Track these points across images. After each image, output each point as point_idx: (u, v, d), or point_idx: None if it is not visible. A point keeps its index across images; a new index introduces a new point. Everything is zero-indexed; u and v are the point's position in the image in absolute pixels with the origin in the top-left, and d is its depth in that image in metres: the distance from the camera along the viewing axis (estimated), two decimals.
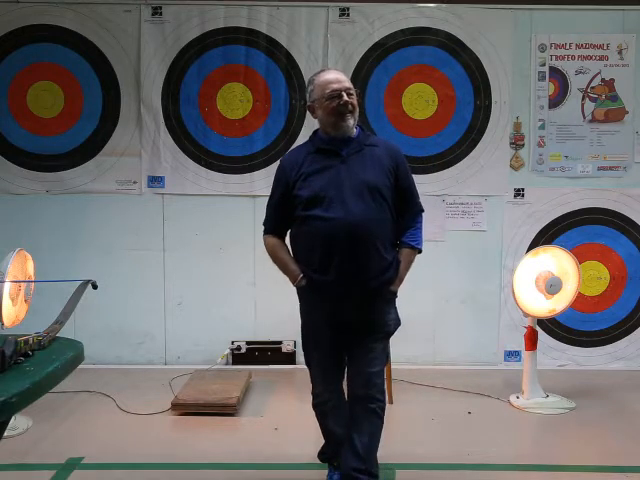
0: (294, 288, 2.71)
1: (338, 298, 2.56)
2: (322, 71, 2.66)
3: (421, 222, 2.74)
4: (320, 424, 2.79)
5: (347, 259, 2.51)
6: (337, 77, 2.58)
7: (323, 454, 2.87)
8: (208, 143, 4.41)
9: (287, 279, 2.70)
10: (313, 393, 2.75)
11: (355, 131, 2.61)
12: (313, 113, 2.63)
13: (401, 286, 2.73)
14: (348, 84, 2.57)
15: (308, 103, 2.64)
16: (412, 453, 3.15)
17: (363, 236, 2.50)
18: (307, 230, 2.57)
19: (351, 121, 2.56)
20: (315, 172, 2.56)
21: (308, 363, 2.76)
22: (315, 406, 2.76)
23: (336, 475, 2.74)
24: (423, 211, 2.75)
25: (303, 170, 2.57)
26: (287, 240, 2.76)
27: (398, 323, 2.73)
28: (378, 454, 2.75)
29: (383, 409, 2.65)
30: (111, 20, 4.31)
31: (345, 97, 2.52)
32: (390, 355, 3.77)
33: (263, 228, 2.75)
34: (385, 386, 2.70)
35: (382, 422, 2.66)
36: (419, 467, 3.04)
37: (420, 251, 2.72)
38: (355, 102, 2.57)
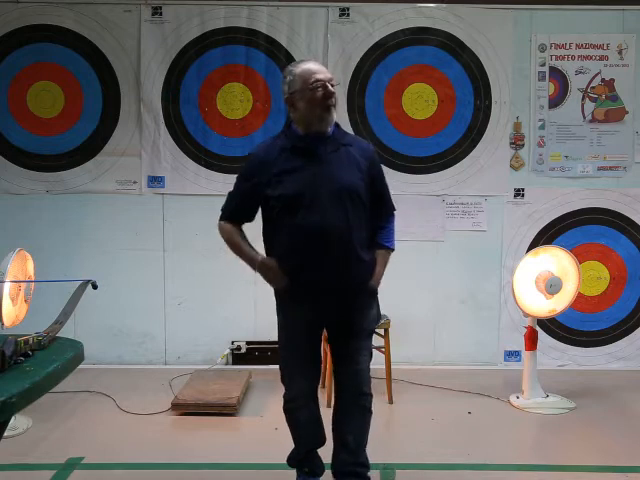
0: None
1: (320, 301, 2.50)
2: (301, 61, 2.53)
3: (393, 222, 2.68)
4: (291, 427, 2.72)
5: (326, 266, 2.43)
6: (320, 68, 2.45)
7: (292, 458, 2.76)
8: (208, 143, 4.41)
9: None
10: (286, 397, 2.68)
11: (330, 129, 2.48)
12: (291, 106, 2.46)
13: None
14: (330, 75, 2.45)
15: (286, 96, 2.46)
16: (412, 453, 3.15)
17: (342, 243, 2.42)
18: (283, 236, 2.47)
19: (334, 115, 2.45)
20: (290, 172, 2.43)
21: (283, 366, 2.67)
22: (287, 410, 2.69)
23: None
24: (395, 210, 2.69)
25: (276, 169, 2.43)
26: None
27: (379, 318, 2.73)
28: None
29: (371, 402, 2.66)
30: (111, 20, 4.31)
31: (330, 88, 2.40)
32: (390, 354, 3.79)
33: (220, 215, 2.60)
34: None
35: (371, 414, 2.66)
36: (419, 467, 3.03)
37: (393, 250, 2.66)
38: (336, 95, 2.45)
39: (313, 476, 2.71)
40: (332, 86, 2.41)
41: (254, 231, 2.62)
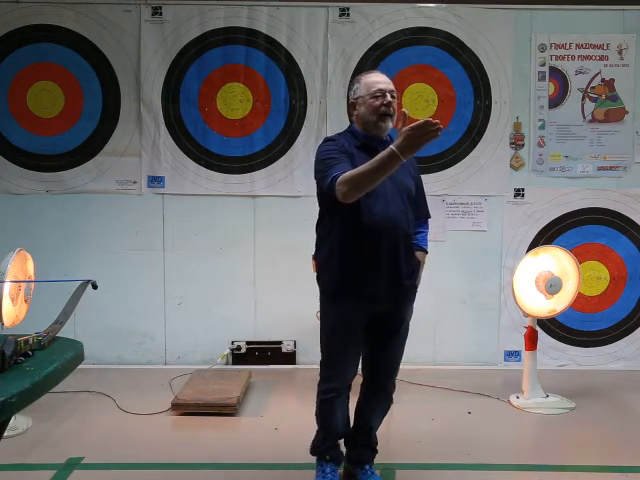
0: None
1: (381, 295, 2.61)
2: (370, 72, 2.75)
3: (428, 227, 2.93)
4: (323, 418, 2.78)
5: (392, 257, 2.58)
6: (384, 79, 2.66)
7: (317, 447, 2.84)
8: (208, 143, 4.42)
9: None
10: (325, 388, 2.73)
11: (386, 135, 2.70)
12: (354, 110, 2.68)
13: None
14: (392, 87, 2.65)
15: (351, 100, 2.70)
16: (412, 453, 3.15)
17: (403, 235, 2.62)
18: (354, 223, 2.55)
19: (390, 124, 2.65)
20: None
21: (328, 361, 2.73)
22: (327, 400, 2.74)
23: (329, 467, 2.78)
24: (430, 217, 2.92)
25: (353, 160, 2.53)
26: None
27: (411, 315, 2.86)
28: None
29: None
30: (111, 20, 4.31)
31: (389, 97, 2.60)
32: None
33: (329, 180, 2.46)
34: None
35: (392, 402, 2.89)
36: (419, 467, 3.03)
37: (427, 253, 2.90)
38: (395, 106, 2.64)
39: (335, 463, 2.81)
40: (392, 98, 2.62)
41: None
